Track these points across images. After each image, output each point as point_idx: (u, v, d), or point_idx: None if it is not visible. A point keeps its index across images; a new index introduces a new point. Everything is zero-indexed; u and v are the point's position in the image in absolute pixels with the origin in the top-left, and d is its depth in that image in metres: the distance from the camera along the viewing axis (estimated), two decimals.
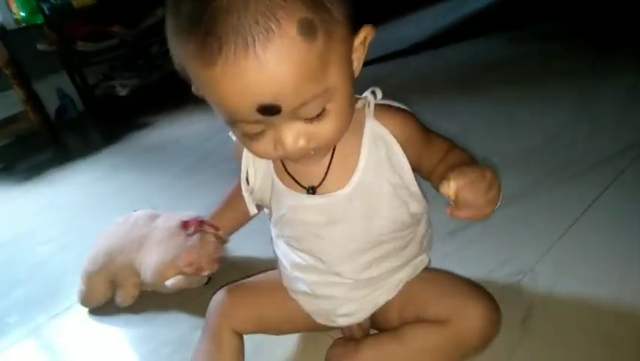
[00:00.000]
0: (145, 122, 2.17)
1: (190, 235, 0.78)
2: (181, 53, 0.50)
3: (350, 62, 0.54)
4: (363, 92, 0.64)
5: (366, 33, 0.55)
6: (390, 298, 0.71)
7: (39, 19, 2.28)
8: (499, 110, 1.36)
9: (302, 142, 0.52)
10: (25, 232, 1.55)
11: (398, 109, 0.64)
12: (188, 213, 1.13)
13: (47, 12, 2.21)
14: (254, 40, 0.44)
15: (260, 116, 0.49)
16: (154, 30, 2.39)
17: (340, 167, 0.62)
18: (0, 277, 1.34)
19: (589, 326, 0.72)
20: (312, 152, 0.56)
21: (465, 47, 1.86)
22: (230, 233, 0.82)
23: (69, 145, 2.33)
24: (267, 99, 0.47)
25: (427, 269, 0.75)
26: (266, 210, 0.73)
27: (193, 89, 0.55)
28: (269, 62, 0.45)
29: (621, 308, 0.73)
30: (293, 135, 0.52)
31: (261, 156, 0.59)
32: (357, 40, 0.54)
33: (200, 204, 1.30)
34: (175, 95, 2.29)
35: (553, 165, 1.07)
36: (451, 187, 0.53)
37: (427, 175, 0.66)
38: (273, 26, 0.44)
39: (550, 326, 0.73)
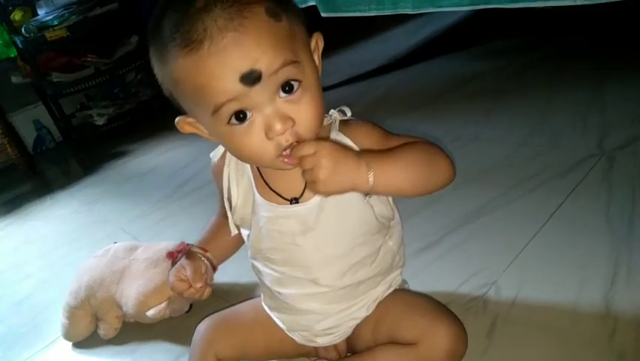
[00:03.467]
0: (123, 151, 2.18)
1: (177, 260, 0.75)
2: (169, 58, 0.56)
3: (312, 56, 0.61)
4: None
5: (317, 38, 0.62)
6: (368, 313, 0.75)
7: (12, 53, 2.29)
8: (464, 126, 1.42)
9: (289, 122, 0.57)
10: (6, 268, 1.56)
11: (361, 121, 0.69)
12: (166, 243, 1.15)
13: (20, 45, 2.22)
14: (232, 19, 0.53)
15: (243, 88, 0.54)
16: (128, 58, 2.41)
17: None
18: None
19: (549, 332, 0.76)
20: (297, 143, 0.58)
21: (430, 66, 1.92)
22: (218, 263, 0.82)
23: (48, 177, 2.33)
24: (247, 65, 0.53)
25: (398, 289, 0.78)
26: (244, 232, 0.75)
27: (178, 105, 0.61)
28: (246, 33, 0.53)
29: (579, 312, 0.78)
30: (279, 117, 0.56)
31: (257, 155, 0.60)
32: (313, 43, 0.62)
33: (180, 231, 1.33)
34: (152, 122, 2.33)
35: (516, 178, 1.12)
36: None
37: None
38: (245, 8, 0.53)
39: (513, 335, 0.78)
